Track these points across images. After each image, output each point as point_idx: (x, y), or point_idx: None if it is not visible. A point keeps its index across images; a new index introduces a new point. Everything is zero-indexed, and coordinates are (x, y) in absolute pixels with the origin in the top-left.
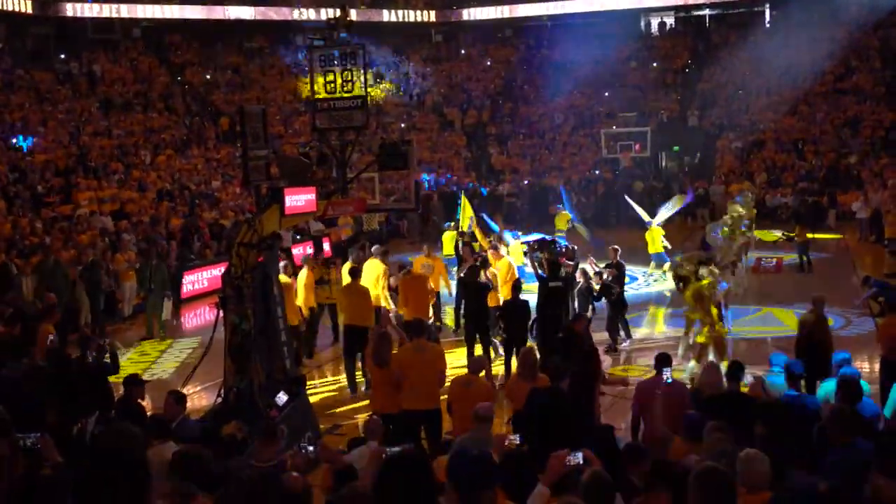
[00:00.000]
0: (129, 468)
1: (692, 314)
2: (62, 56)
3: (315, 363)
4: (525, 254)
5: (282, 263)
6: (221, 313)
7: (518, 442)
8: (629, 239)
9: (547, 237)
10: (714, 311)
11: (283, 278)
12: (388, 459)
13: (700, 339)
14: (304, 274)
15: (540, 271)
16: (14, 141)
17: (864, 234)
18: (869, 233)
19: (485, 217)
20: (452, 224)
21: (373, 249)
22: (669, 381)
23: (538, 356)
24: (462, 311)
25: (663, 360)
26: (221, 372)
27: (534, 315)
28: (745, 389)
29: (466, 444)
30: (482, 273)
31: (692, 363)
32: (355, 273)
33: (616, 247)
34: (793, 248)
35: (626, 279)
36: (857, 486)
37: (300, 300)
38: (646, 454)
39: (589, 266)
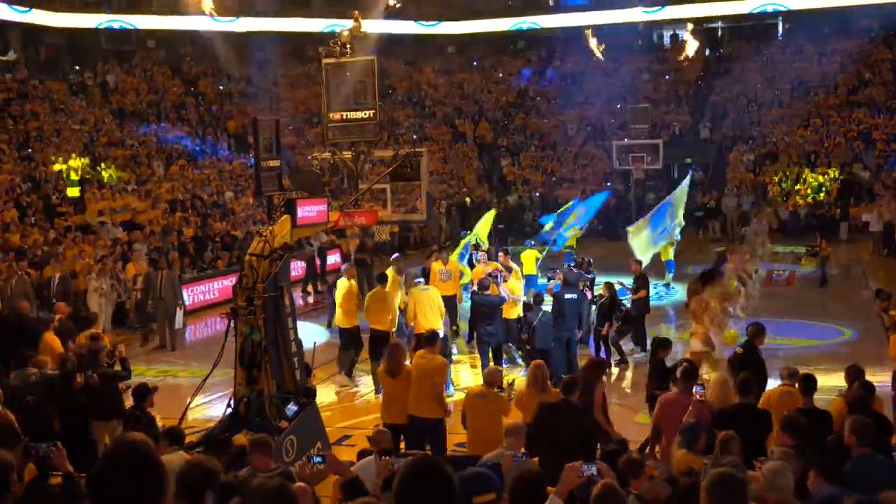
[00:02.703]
0: (143, 476)
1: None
2: (76, 67)
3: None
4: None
5: (343, 266)
6: (232, 324)
7: (523, 455)
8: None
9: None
10: (702, 326)
11: (342, 282)
12: (412, 468)
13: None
14: (353, 283)
15: (555, 286)
16: None
17: (876, 247)
18: (882, 246)
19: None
20: (533, 243)
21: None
22: (699, 392)
23: (548, 369)
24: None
25: (691, 374)
26: (232, 382)
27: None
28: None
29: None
30: (494, 287)
31: None
32: (382, 278)
33: (640, 258)
34: (817, 262)
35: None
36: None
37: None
38: (644, 468)
39: (616, 284)
